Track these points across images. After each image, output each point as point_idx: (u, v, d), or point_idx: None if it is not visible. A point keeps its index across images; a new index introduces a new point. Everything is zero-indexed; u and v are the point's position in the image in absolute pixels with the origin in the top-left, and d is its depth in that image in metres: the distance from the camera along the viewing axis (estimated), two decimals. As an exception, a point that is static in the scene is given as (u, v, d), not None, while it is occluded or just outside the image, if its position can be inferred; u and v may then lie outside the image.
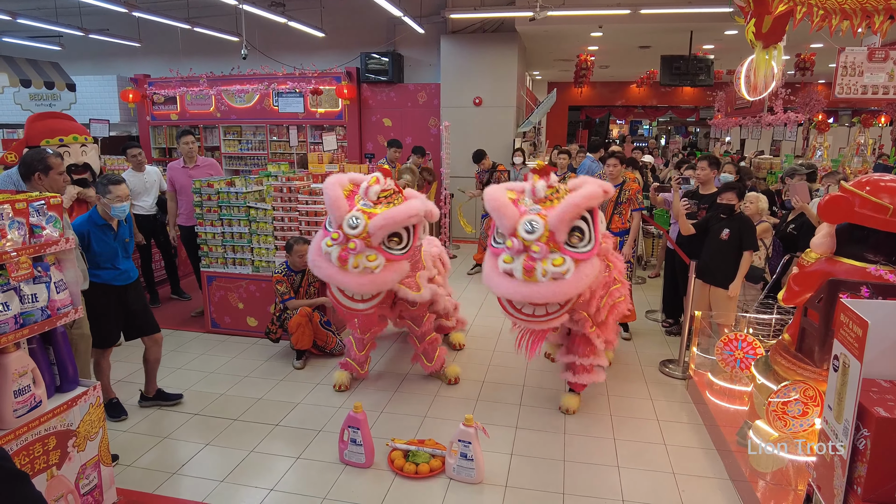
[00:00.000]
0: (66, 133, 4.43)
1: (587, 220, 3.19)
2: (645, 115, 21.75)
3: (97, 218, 3.53)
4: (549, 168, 3.32)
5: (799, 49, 11.37)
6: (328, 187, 3.59)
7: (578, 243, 3.15)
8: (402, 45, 10.32)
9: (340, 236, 3.45)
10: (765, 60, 4.41)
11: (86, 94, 11.14)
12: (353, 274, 3.45)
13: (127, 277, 3.70)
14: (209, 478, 3.20)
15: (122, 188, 3.51)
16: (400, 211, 3.50)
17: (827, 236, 2.96)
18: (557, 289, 3.08)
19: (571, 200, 3.11)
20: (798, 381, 2.79)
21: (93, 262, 3.53)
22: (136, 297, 3.80)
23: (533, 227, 3.08)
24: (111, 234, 3.58)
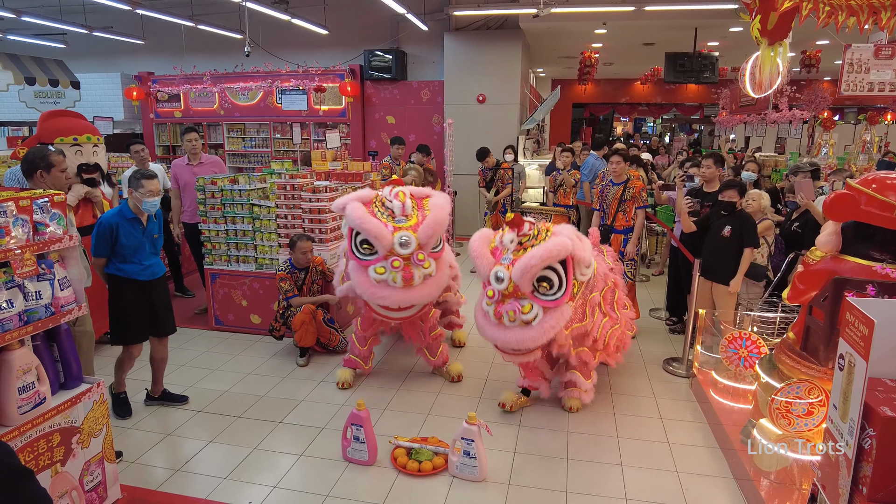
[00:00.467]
0: (81, 133, 4.45)
1: (556, 270, 3.27)
2: (649, 112, 21.68)
3: (127, 211, 3.53)
4: (520, 219, 3.43)
5: (804, 46, 11.31)
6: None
7: (548, 291, 3.27)
8: (406, 43, 10.30)
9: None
10: (770, 57, 4.38)
11: (90, 92, 11.17)
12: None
13: (152, 273, 3.67)
14: (213, 475, 3.21)
15: (154, 183, 3.51)
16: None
17: (832, 234, 2.94)
18: (523, 335, 3.28)
19: (527, 261, 3.20)
20: (803, 380, 2.77)
21: (119, 256, 3.54)
22: (161, 293, 3.77)
23: (502, 276, 3.31)
24: (140, 229, 3.57)
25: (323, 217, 5.05)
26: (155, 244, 3.71)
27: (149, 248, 3.64)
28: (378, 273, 3.68)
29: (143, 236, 3.59)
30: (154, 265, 3.69)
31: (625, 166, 5.31)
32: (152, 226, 3.67)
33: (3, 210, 2.33)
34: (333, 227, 5.20)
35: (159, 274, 3.73)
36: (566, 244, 3.23)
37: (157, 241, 3.74)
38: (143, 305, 3.66)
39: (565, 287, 3.27)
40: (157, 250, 3.76)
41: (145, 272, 3.62)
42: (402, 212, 3.82)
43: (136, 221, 3.56)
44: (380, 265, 3.69)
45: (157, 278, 3.72)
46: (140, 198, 3.49)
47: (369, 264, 3.73)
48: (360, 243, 3.80)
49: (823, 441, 2.02)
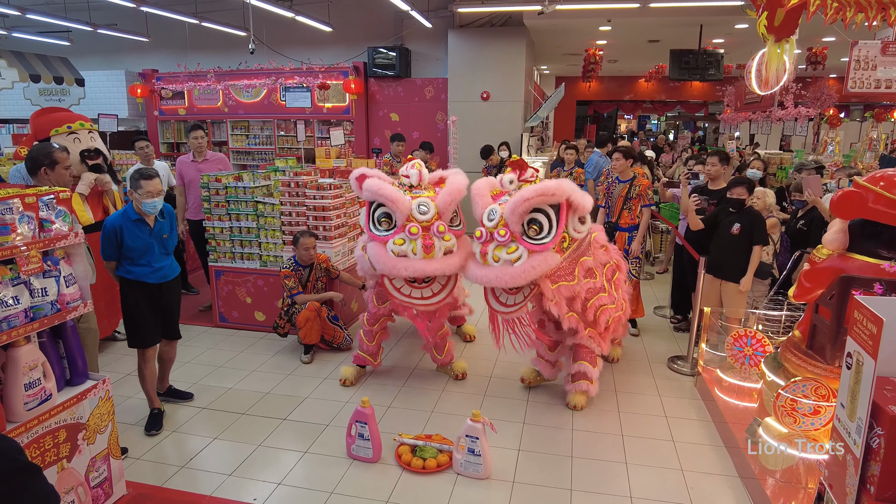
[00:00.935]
0: (73, 120, 4.46)
1: (548, 215, 3.28)
2: (653, 109, 21.59)
3: (131, 213, 3.42)
4: (523, 162, 3.45)
5: (811, 43, 11.25)
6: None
7: (536, 235, 3.29)
8: (410, 40, 10.29)
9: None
10: (776, 54, 4.36)
11: (94, 89, 11.20)
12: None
13: (163, 275, 3.55)
14: (217, 471, 3.22)
15: (153, 183, 3.36)
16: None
17: (839, 232, 2.93)
18: (503, 272, 3.30)
19: (521, 194, 3.24)
20: (809, 379, 2.76)
21: (127, 258, 3.45)
22: (171, 297, 3.67)
23: (494, 215, 3.35)
24: (146, 230, 3.45)
25: (327, 214, 5.05)
26: (166, 245, 3.58)
27: (158, 249, 3.52)
28: (397, 244, 3.60)
29: (151, 237, 3.47)
30: (165, 267, 3.57)
31: (626, 163, 5.28)
32: (161, 226, 3.55)
33: (9, 207, 2.34)
34: (338, 225, 5.20)
35: (170, 276, 3.62)
36: (563, 187, 3.25)
37: (169, 242, 3.61)
38: (154, 308, 3.58)
39: (555, 233, 3.27)
40: (170, 251, 3.63)
41: (155, 275, 3.52)
42: (418, 179, 3.81)
43: (142, 223, 3.44)
44: (399, 237, 3.61)
45: (169, 281, 3.61)
46: (139, 199, 3.37)
47: (388, 238, 3.65)
48: (378, 218, 3.74)
49: (830, 440, 2.01)
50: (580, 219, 3.42)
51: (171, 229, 3.62)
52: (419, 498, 3.00)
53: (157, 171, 3.44)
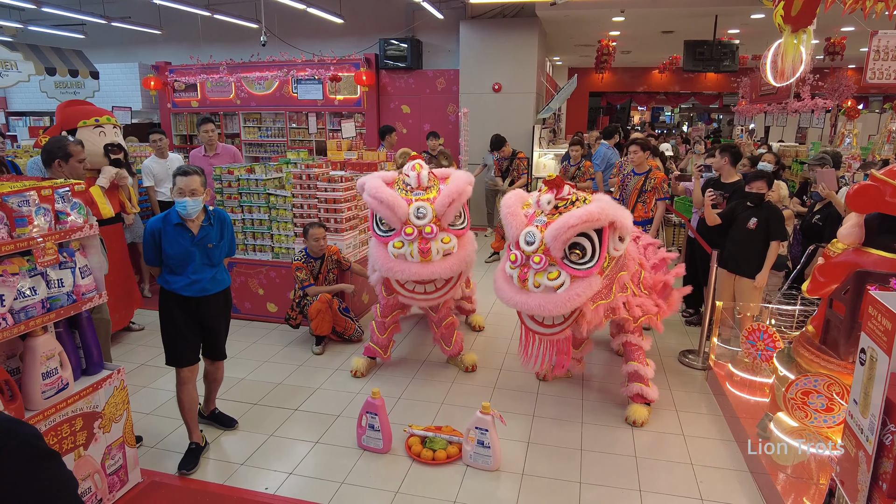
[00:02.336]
0: (101, 114, 4.53)
1: (591, 239, 3.10)
2: (667, 101, 21.36)
3: (174, 216, 3.07)
4: (560, 181, 3.25)
5: (829, 33, 11.05)
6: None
7: (579, 260, 3.11)
8: (421, 31, 10.25)
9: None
10: (793, 45, 4.29)
11: (108, 82, 11.28)
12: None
13: (201, 289, 3.13)
14: (230, 461, 3.27)
15: (186, 180, 3.00)
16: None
17: (855, 226, 2.89)
18: (546, 301, 3.11)
19: (565, 221, 3.04)
20: (822, 375, 2.74)
21: (167, 266, 3.13)
22: (213, 314, 3.25)
23: (532, 240, 3.15)
24: (187, 236, 3.08)
25: (338, 207, 5.07)
26: (211, 255, 3.16)
27: (200, 259, 3.12)
28: (396, 248, 3.68)
29: (193, 246, 3.08)
30: (205, 280, 3.14)
31: (644, 156, 5.24)
32: (207, 233, 3.14)
33: (26, 199, 2.37)
34: (349, 217, 5.22)
35: (212, 290, 3.18)
36: (607, 210, 3.05)
37: (215, 252, 3.19)
38: (193, 324, 3.20)
39: (598, 257, 3.10)
40: (215, 262, 3.21)
41: (191, 287, 3.11)
42: (417, 182, 3.78)
43: (183, 228, 3.07)
44: (397, 240, 3.68)
45: (209, 296, 3.19)
46: (175, 197, 3.05)
47: (389, 240, 3.72)
48: (380, 219, 3.80)
49: (843, 436, 2.00)
50: (620, 237, 3.23)
51: (219, 238, 3.21)
52: (429, 489, 3.03)
53: (197, 170, 3.08)
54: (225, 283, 3.30)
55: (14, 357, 2.44)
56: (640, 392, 3.68)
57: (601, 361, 4.52)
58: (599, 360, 4.52)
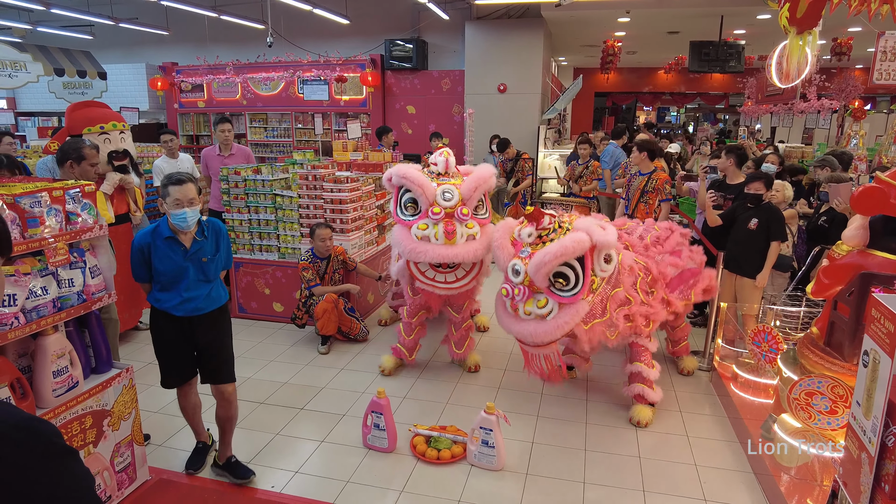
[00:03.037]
0: (106, 120, 4.55)
1: (573, 267, 3.18)
2: (673, 101, 21.35)
3: (164, 229, 2.81)
4: (539, 212, 3.34)
5: (835, 33, 11.01)
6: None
7: (564, 287, 3.20)
8: (427, 32, 10.28)
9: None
10: (798, 46, 4.29)
11: (116, 83, 11.36)
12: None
13: (194, 308, 2.87)
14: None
15: (183, 189, 2.72)
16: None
17: (860, 228, 2.89)
18: (537, 328, 3.22)
19: (541, 258, 3.11)
20: (826, 377, 2.74)
21: (157, 282, 2.89)
22: (208, 334, 2.97)
23: (518, 270, 3.27)
24: (179, 251, 2.82)
25: (344, 207, 5.10)
26: (206, 270, 2.89)
27: (194, 275, 2.86)
28: (420, 229, 3.70)
29: (186, 261, 2.83)
30: (199, 298, 2.88)
31: (641, 156, 5.25)
32: (201, 247, 2.87)
33: (38, 200, 2.41)
34: (354, 218, 5.25)
35: (206, 309, 2.91)
36: (583, 240, 3.12)
37: (210, 266, 2.90)
38: (185, 345, 2.97)
39: (582, 284, 3.20)
40: (211, 277, 2.93)
41: (184, 306, 2.85)
42: (445, 168, 3.86)
43: (174, 242, 2.81)
44: (422, 222, 3.71)
45: (203, 314, 2.91)
46: (168, 209, 2.76)
47: (413, 223, 3.75)
48: (404, 203, 3.84)
49: (846, 437, 2.01)
50: (605, 258, 3.28)
51: (215, 251, 2.95)
52: (433, 488, 3.05)
53: (190, 177, 2.83)
54: (221, 300, 3.01)
55: (25, 355, 2.47)
56: (641, 393, 3.70)
57: (606, 362, 4.52)
58: (604, 361, 4.53)
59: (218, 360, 3.03)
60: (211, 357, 3.02)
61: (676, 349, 4.43)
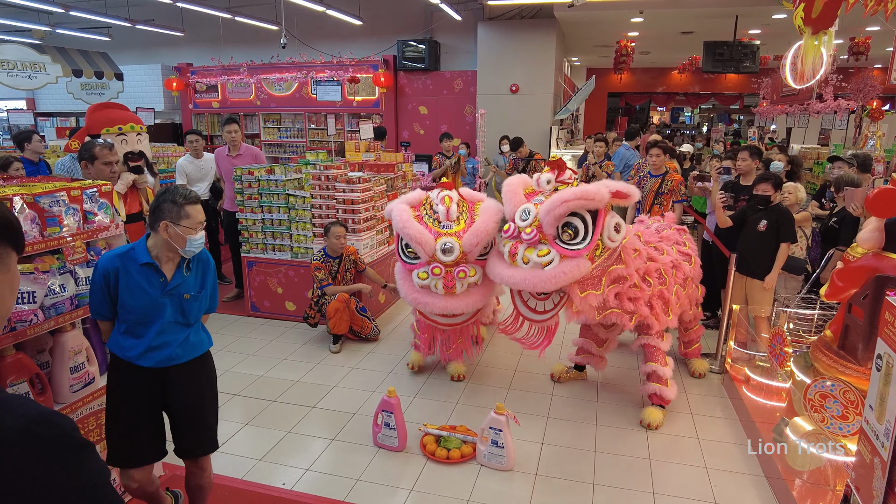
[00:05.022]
0: (124, 122, 4.64)
1: (584, 220, 3.12)
2: (687, 102, 21.18)
3: (141, 253, 2.24)
4: (562, 162, 3.30)
5: (853, 33, 10.87)
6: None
7: (570, 240, 3.13)
8: (439, 32, 10.30)
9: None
10: (813, 47, 4.25)
11: (132, 83, 11.52)
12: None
13: (167, 356, 2.29)
14: (248, 456, 3.33)
15: (200, 209, 2.28)
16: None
17: (875, 231, 2.86)
18: (532, 276, 3.14)
19: (560, 195, 3.08)
20: (838, 380, 2.72)
21: (122, 321, 2.29)
22: (184, 393, 2.36)
23: (526, 215, 3.21)
24: (157, 282, 2.25)
25: (356, 207, 5.13)
26: (186, 309, 2.32)
27: (171, 315, 2.29)
28: (420, 278, 3.62)
29: (164, 296, 2.26)
30: (173, 344, 2.30)
31: (664, 158, 5.24)
32: (183, 281, 2.31)
33: (57, 200, 2.46)
34: (366, 218, 5.28)
35: (181, 359, 2.33)
36: (603, 192, 3.05)
37: (193, 305, 2.35)
38: (148, 408, 2.32)
39: (590, 239, 3.10)
40: (192, 319, 2.37)
41: (152, 354, 2.26)
42: (446, 216, 3.68)
43: (153, 271, 2.25)
44: (422, 270, 3.62)
45: (178, 365, 2.33)
46: (180, 234, 2.20)
47: (414, 268, 3.67)
48: (405, 246, 3.74)
49: (858, 442, 1.99)
50: (616, 226, 3.22)
51: (199, 286, 2.38)
52: (443, 487, 3.06)
53: (199, 197, 2.38)
54: (203, 347, 2.42)
55: (44, 352, 2.52)
56: (657, 392, 3.68)
57: (617, 364, 4.51)
58: (615, 362, 4.51)
59: (197, 428, 2.40)
60: (188, 424, 2.39)
61: (688, 351, 4.41)
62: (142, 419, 2.31)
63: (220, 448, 3.34)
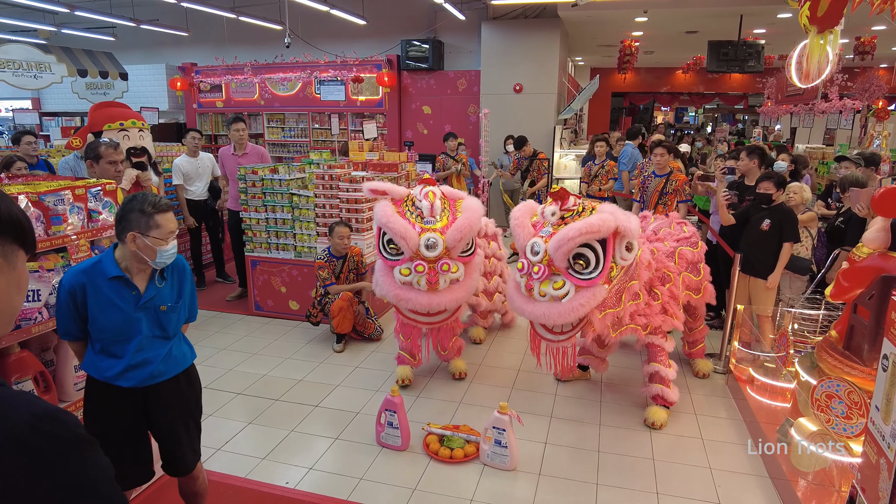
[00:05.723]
0: (126, 118, 4.66)
1: (594, 249, 3.11)
2: (691, 102, 21.12)
3: (109, 266, 2.09)
4: (565, 192, 3.27)
5: (858, 32, 10.82)
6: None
7: (583, 270, 3.13)
8: (443, 32, 10.29)
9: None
10: (819, 46, 4.22)
11: (136, 83, 11.54)
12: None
13: (150, 374, 2.17)
14: (251, 455, 3.33)
15: (171, 217, 2.13)
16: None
17: (881, 231, 2.85)
18: (550, 310, 3.15)
19: (565, 233, 3.06)
20: (844, 381, 2.71)
21: (94, 340, 2.15)
22: (168, 411, 2.26)
23: (538, 250, 3.19)
24: (129, 296, 2.11)
25: (360, 207, 5.13)
26: (164, 322, 2.19)
27: (147, 330, 2.16)
28: (402, 275, 3.57)
29: (139, 310, 2.12)
30: (155, 361, 2.17)
31: (668, 158, 5.23)
32: (158, 293, 2.17)
33: (61, 198, 2.47)
34: (370, 217, 5.28)
35: (165, 375, 2.22)
36: (609, 221, 3.05)
37: (171, 317, 2.22)
38: (129, 430, 2.23)
39: (602, 267, 3.11)
40: (171, 331, 2.24)
41: (133, 374, 2.14)
42: (430, 212, 3.65)
43: (124, 284, 2.10)
44: (405, 266, 3.57)
45: (163, 382, 2.22)
46: (150, 245, 2.05)
47: (395, 265, 3.62)
48: (387, 242, 3.69)
49: (864, 443, 1.98)
50: (627, 246, 3.19)
51: (177, 297, 2.25)
52: (446, 487, 3.06)
53: (171, 204, 2.20)
54: (186, 360, 2.32)
55: (48, 350, 2.54)
56: (660, 393, 3.67)
57: (621, 364, 4.50)
58: (619, 362, 4.51)
59: (181, 445, 2.31)
60: (175, 443, 2.30)
61: (692, 351, 4.40)
62: (124, 445, 2.20)
63: (224, 447, 3.38)
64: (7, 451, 0.83)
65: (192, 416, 2.36)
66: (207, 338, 5.01)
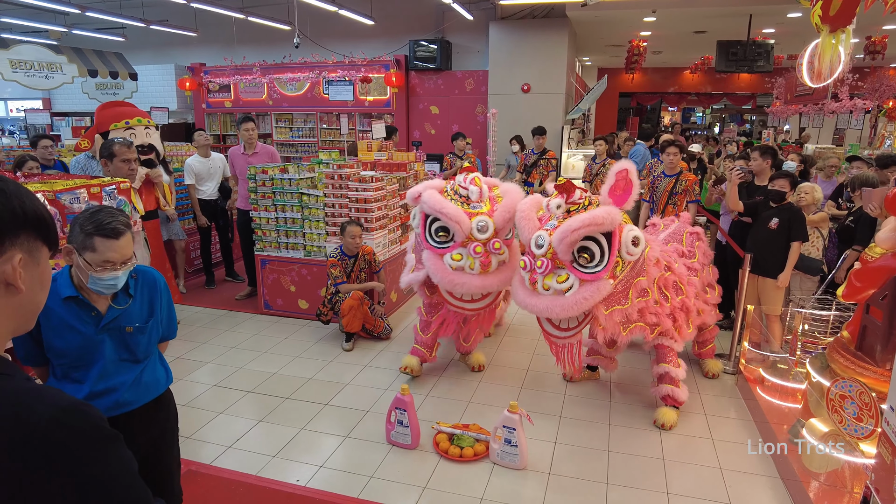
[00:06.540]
0: (131, 116, 4.70)
1: (599, 242, 3.10)
2: (699, 102, 21.04)
3: (63, 286, 1.87)
4: (570, 185, 3.26)
5: (869, 31, 10.75)
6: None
7: (588, 263, 3.12)
8: (451, 32, 10.31)
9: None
10: (831, 45, 4.20)
11: (146, 83, 11.64)
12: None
13: (115, 402, 1.95)
14: (262, 452, 3.35)
15: (118, 245, 1.82)
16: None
17: (894, 231, 2.83)
18: (554, 303, 3.14)
19: (569, 224, 3.05)
20: (856, 381, 2.69)
21: (56, 366, 1.94)
22: (140, 443, 2.00)
23: (542, 243, 3.19)
24: (89, 318, 1.90)
25: (369, 206, 5.15)
26: (131, 345, 1.98)
27: (112, 352, 1.94)
28: (454, 260, 3.63)
29: (101, 332, 1.91)
30: (120, 388, 1.96)
31: (680, 157, 5.23)
32: (122, 314, 1.95)
33: (77, 197, 2.49)
34: (379, 217, 5.29)
35: (134, 404, 2.00)
36: (614, 214, 3.05)
37: (140, 339, 2.00)
38: None
39: (607, 261, 3.09)
40: (141, 354, 2.01)
41: (97, 403, 1.84)
42: (479, 197, 3.73)
43: (80, 305, 1.89)
44: (456, 252, 3.64)
45: (133, 411, 2.00)
46: (85, 269, 1.80)
47: (445, 252, 3.67)
48: (435, 231, 3.72)
49: (878, 443, 1.97)
50: (633, 240, 3.16)
51: (147, 315, 2.02)
52: (456, 485, 3.07)
53: (126, 226, 1.86)
54: (159, 387, 2.09)
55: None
56: (669, 394, 3.66)
57: (630, 364, 4.50)
58: (629, 362, 4.50)
59: (157, 483, 2.05)
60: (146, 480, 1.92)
61: (702, 351, 4.38)
62: None
63: (234, 444, 3.40)
64: (32, 446, 0.84)
65: (164, 451, 2.10)
66: (217, 336, 5.05)
